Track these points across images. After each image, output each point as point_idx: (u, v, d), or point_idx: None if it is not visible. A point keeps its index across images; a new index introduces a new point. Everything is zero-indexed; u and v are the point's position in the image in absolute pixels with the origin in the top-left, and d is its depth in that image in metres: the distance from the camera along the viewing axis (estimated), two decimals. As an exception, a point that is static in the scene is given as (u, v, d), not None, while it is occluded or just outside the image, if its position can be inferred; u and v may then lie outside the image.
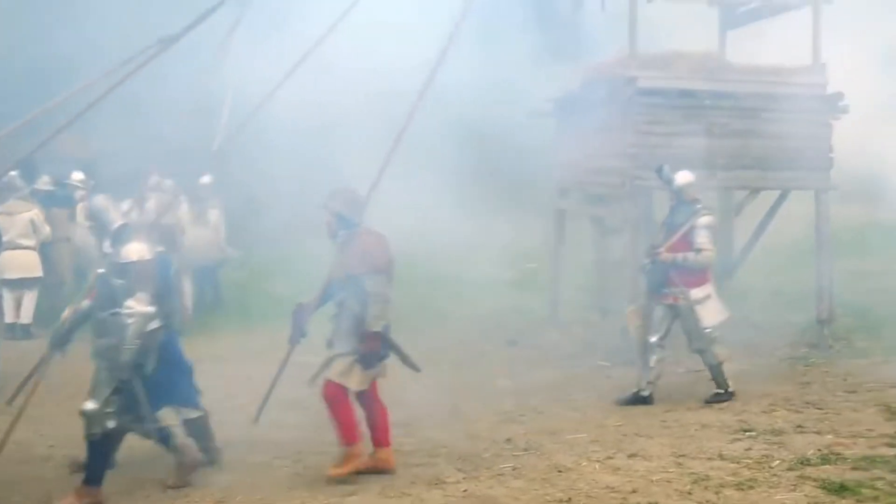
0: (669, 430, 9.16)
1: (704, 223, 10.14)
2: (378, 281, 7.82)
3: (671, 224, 10.36)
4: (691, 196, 10.33)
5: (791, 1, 13.15)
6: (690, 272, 10.12)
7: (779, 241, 16.11)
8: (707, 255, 10.11)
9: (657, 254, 10.15)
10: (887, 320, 14.35)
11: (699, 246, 10.08)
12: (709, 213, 10.26)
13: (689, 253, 10.07)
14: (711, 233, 10.18)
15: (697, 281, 10.17)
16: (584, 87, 13.38)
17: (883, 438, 8.60)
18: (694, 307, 10.11)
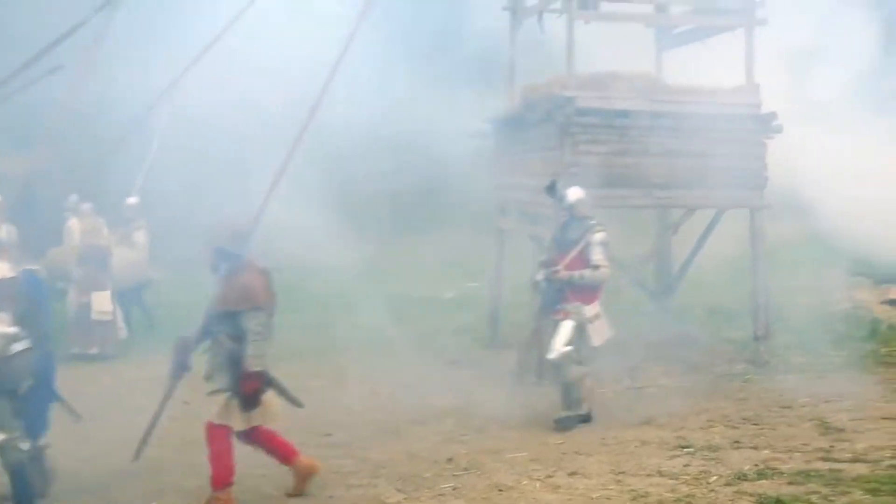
0: (609, 447, 9.22)
1: (599, 239, 10.10)
2: (258, 318, 7.56)
3: (563, 241, 10.31)
4: (584, 212, 10.31)
5: (725, 23, 13.34)
6: (585, 289, 10.06)
7: (716, 258, 16.34)
8: (604, 272, 10.06)
9: (555, 272, 10.07)
10: (822, 336, 14.61)
11: (596, 262, 10.03)
12: (603, 230, 10.20)
13: (586, 270, 10.01)
14: (606, 249, 10.14)
15: (590, 298, 10.12)
16: (522, 107, 13.47)
17: (818, 453, 8.73)
18: (586, 325, 10.02)
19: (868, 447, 8.85)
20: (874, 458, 8.46)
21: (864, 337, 14.60)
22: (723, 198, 12.92)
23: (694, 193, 12.66)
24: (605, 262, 10.08)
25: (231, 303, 7.59)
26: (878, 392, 11.25)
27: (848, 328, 15.14)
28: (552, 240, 10.57)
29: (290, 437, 9.66)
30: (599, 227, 10.19)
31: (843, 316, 15.93)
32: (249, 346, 7.50)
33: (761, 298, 13.04)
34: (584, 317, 10.03)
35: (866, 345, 14.18)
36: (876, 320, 15.55)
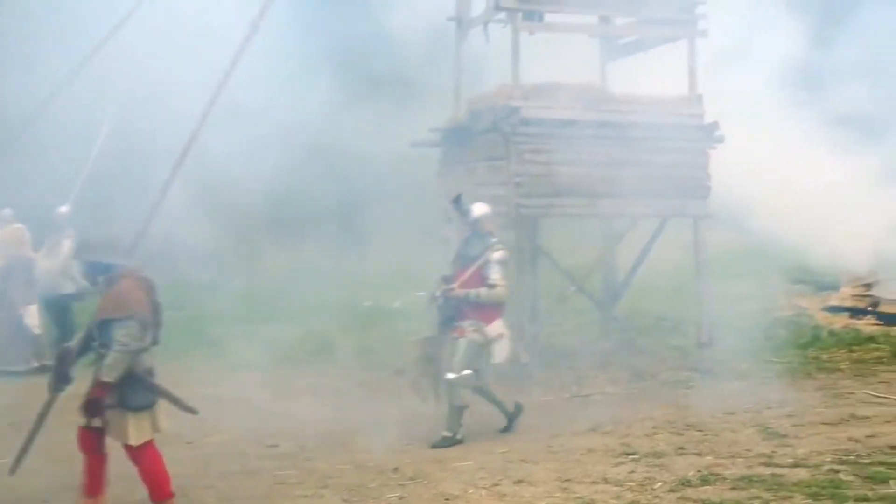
0: (555, 455, 9.26)
1: (498, 258, 9.89)
2: (126, 328, 7.21)
3: (465, 257, 10.10)
4: (487, 229, 10.11)
5: (668, 34, 13.50)
6: (485, 307, 9.87)
7: (661, 267, 16.50)
8: (500, 291, 9.85)
9: (449, 289, 9.89)
10: (765, 343, 14.82)
11: (492, 281, 9.83)
12: (502, 248, 10.01)
13: (482, 288, 9.82)
14: (505, 268, 9.96)
15: (491, 316, 9.93)
16: (468, 117, 13.52)
17: (760, 458, 8.83)
18: (488, 344, 9.88)
19: (809, 452, 8.96)
20: (814, 463, 8.57)
21: (805, 343, 14.85)
22: (666, 207, 13.06)
23: (638, 203, 12.77)
24: (503, 280, 9.88)
25: (105, 312, 7.37)
26: (819, 398, 11.43)
27: (790, 335, 15.40)
28: (456, 255, 10.35)
29: (234, 449, 9.67)
30: (499, 246, 9.99)
31: (785, 323, 16.20)
32: (108, 355, 7.19)
33: (705, 306, 13.19)
34: (487, 336, 9.86)
35: (807, 351, 14.43)
36: (817, 327, 15.82)
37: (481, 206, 10.19)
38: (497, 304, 9.93)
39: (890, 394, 11.42)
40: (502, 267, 9.92)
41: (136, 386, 7.34)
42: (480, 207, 10.17)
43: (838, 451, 8.94)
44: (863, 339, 14.95)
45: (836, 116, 16.87)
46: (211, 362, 13.58)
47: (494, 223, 10.33)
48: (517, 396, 10.98)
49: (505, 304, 10.08)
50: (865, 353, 14.15)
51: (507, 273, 10.04)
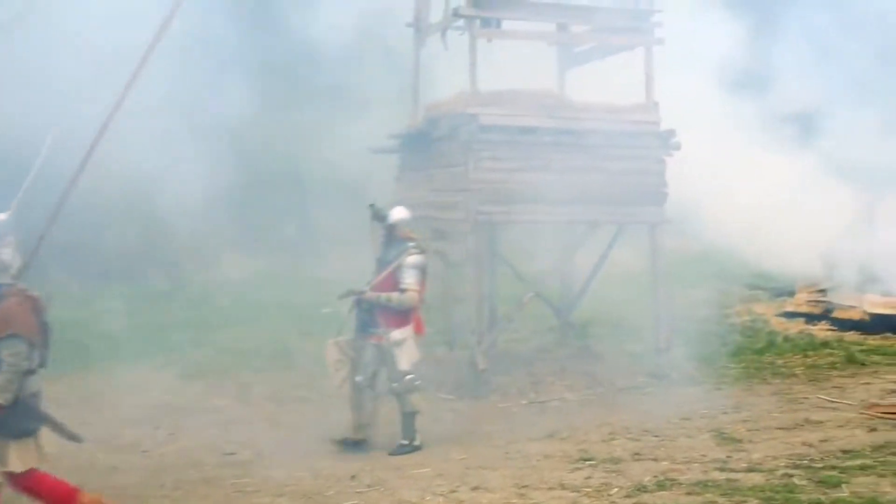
0: (512, 461, 9.27)
1: (412, 262, 9.78)
2: (13, 347, 6.91)
3: (383, 261, 10.00)
4: (405, 234, 9.99)
5: (625, 42, 13.59)
6: (395, 312, 9.76)
7: (619, 273, 16.59)
8: (411, 296, 9.72)
9: (361, 293, 9.81)
10: (721, 348, 14.98)
11: (405, 286, 9.72)
12: (418, 253, 9.88)
13: (394, 293, 9.71)
14: (420, 273, 9.82)
15: (400, 321, 9.79)
16: (427, 123, 13.54)
17: (715, 463, 8.90)
18: (393, 348, 9.75)
19: (763, 457, 9.05)
20: (769, 468, 8.65)
21: (761, 349, 15.01)
22: (624, 214, 13.14)
23: (595, 209, 12.84)
24: (415, 286, 9.75)
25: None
26: (774, 403, 11.54)
27: (746, 340, 15.56)
28: (377, 260, 10.17)
29: (191, 457, 9.60)
30: (415, 250, 9.87)
31: (741, 328, 16.36)
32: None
33: (662, 312, 13.27)
34: (392, 340, 9.74)
35: (763, 356, 14.58)
36: (772, 332, 15.99)
37: (399, 212, 10.08)
38: (408, 309, 9.80)
39: (843, 399, 11.55)
40: (417, 272, 9.80)
41: (18, 411, 6.97)
42: (398, 212, 10.07)
43: (792, 456, 9.02)
44: (817, 345, 15.13)
45: (787, 121, 17.11)
46: (167, 369, 13.47)
47: (413, 228, 10.20)
48: (474, 403, 11.03)
49: (416, 310, 9.91)
50: (820, 359, 14.31)
51: (422, 278, 9.88)
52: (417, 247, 9.94)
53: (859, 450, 9.12)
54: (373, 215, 10.12)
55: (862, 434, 9.73)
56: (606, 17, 13.51)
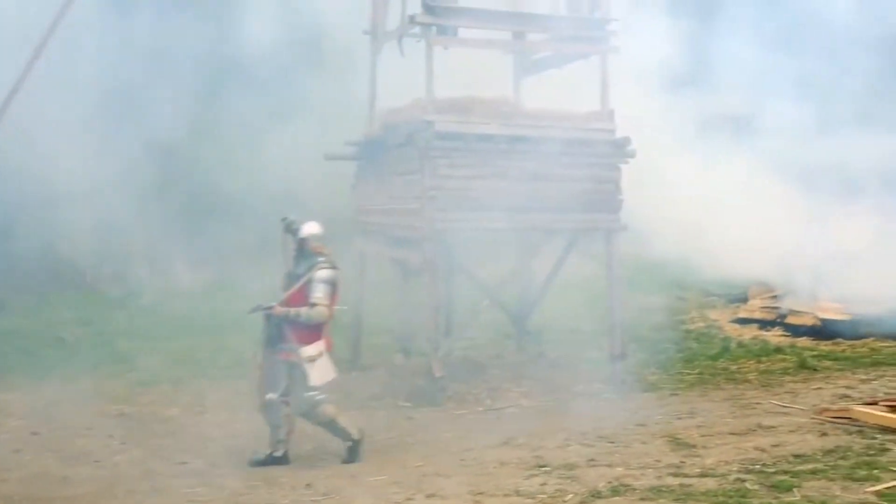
0: (468, 468, 9.27)
1: (322, 277, 9.59)
2: None
3: (294, 276, 9.80)
4: (316, 248, 9.78)
5: (580, 50, 13.67)
6: (305, 328, 9.57)
7: (575, 279, 16.66)
8: (320, 311, 9.53)
9: (269, 308, 9.60)
10: (676, 355, 15.09)
11: (314, 301, 9.51)
12: (329, 267, 9.69)
13: (303, 308, 9.51)
14: (330, 287, 9.63)
15: (311, 337, 9.60)
16: (383, 131, 13.53)
17: (669, 469, 8.95)
18: (304, 365, 9.53)
19: (716, 462, 9.11)
20: (722, 473, 8.72)
21: (715, 355, 15.14)
22: (579, 221, 13.20)
23: (551, 217, 12.90)
24: (325, 300, 9.56)
25: None
26: (727, 408, 11.62)
27: (700, 346, 15.68)
28: (287, 274, 9.96)
29: (143, 467, 9.50)
30: (326, 265, 9.68)
31: (695, 335, 16.49)
32: None
33: (617, 318, 13.34)
34: (302, 357, 9.53)
35: (717, 362, 14.71)
36: (726, 339, 16.15)
37: (311, 226, 9.86)
38: (318, 324, 9.61)
39: (795, 404, 11.66)
40: (327, 286, 9.60)
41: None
42: (310, 227, 9.85)
43: (745, 461, 9.09)
44: (770, 351, 15.31)
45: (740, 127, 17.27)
46: (120, 378, 13.35)
47: (324, 242, 9.91)
48: (430, 411, 11.02)
49: (326, 325, 9.72)
50: (773, 364, 14.48)
51: (332, 292, 9.67)
52: (328, 261, 9.73)
53: (810, 454, 9.21)
54: (285, 228, 9.89)
55: (813, 439, 9.83)
56: (562, 25, 13.58)
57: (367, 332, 14.57)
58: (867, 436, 9.78)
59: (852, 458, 9.04)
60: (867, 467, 8.69)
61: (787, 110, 17.75)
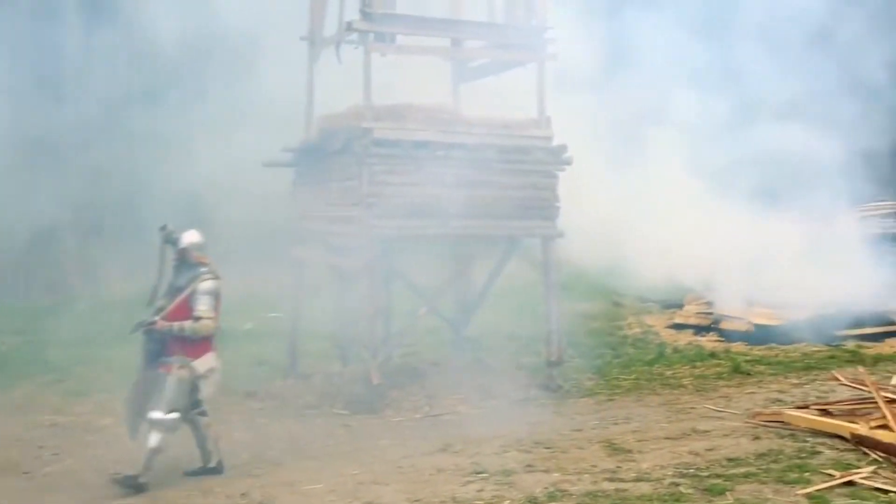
0: (405, 475, 9.25)
1: (206, 289, 9.26)
2: None
3: (175, 288, 9.43)
4: (197, 258, 9.44)
5: (518, 58, 13.74)
6: (192, 341, 9.25)
7: (513, 286, 16.72)
8: (205, 324, 9.22)
9: (151, 323, 9.25)
10: (613, 360, 15.21)
11: (198, 314, 9.20)
12: (212, 278, 9.35)
13: (187, 322, 9.18)
14: (214, 299, 9.30)
15: (200, 351, 9.31)
16: (321, 137, 13.48)
17: (605, 474, 9.02)
18: (199, 379, 9.28)
19: (652, 466, 9.20)
20: (657, 477, 8.80)
21: (651, 360, 15.29)
22: (516, 227, 13.27)
23: (489, 223, 12.94)
24: (210, 313, 9.25)
25: None
26: (663, 413, 11.75)
27: (637, 352, 15.83)
28: (169, 286, 9.54)
29: (76, 478, 9.36)
30: (209, 276, 9.34)
31: (632, 340, 16.64)
32: None
33: (554, 324, 13.41)
34: (196, 372, 9.25)
35: (653, 368, 14.85)
36: (662, 344, 16.32)
37: (191, 235, 9.49)
38: (204, 337, 9.30)
39: (729, 408, 11.82)
40: (211, 298, 9.27)
41: None
42: (190, 236, 9.48)
43: (679, 465, 9.19)
44: (705, 356, 15.50)
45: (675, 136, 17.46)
46: (53, 388, 13.13)
47: (205, 252, 9.59)
48: (368, 418, 10.98)
49: (213, 337, 9.42)
50: (707, 369, 14.65)
51: (216, 304, 9.35)
52: (210, 272, 9.39)
53: (743, 458, 9.34)
54: (163, 239, 9.49)
55: (746, 442, 9.96)
56: (500, 33, 13.66)
57: (304, 339, 14.47)
58: (799, 439, 9.94)
59: (784, 461, 9.19)
60: (798, 470, 8.84)
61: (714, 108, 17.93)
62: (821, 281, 16.27)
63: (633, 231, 16.42)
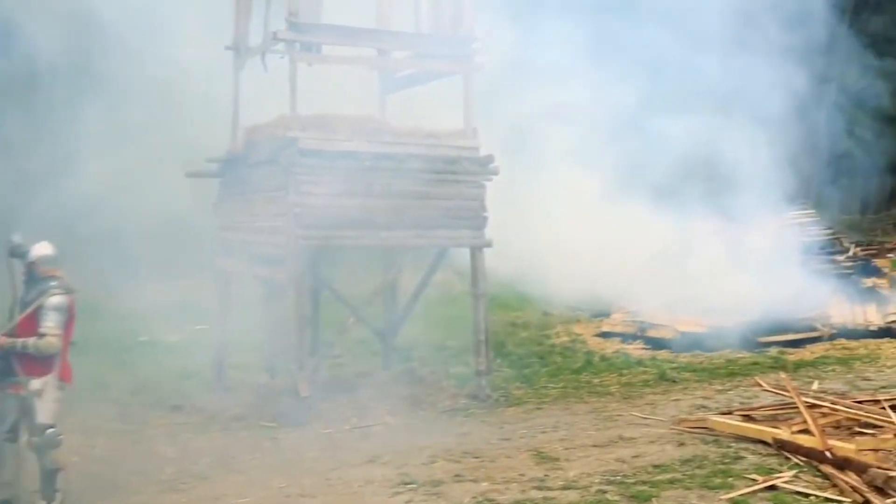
0: (333, 488, 9.20)
1: (53, 304, 8.69)
2: None
3: (24, 303, 8.84)
4: (47, 272, 8.87)
5: (444, 68, 13.77)
6: (34, 359, 8.68)
7: (442, 295, 16.75)
8: (49, 342, 8.62)
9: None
10: (541, 369, 15.30)
11: (43, 330, 8.63)
12: (62, 293, 8.79)
13: (31, 339, 8.61)
14: (62, 315, 8.73)
15: (41, 370, 8.72)
16: (247, 147, 13.37)
17: (533, 482, 9.06)
18: (33, 399, 8.66)
19: (579, 474, 9.27)
20: (584, 485, 8.87)
21: (578, 368, 15.41)
22: (444, 237, 13.28)
23: (416, 233, 12.94)
24: (56, 330, 8.66)
25: None
26: (590, 421, 11.84)
27: (564, 360, 15.94)
28: (20, 301, 8.93)
29: (-5, 495, 9.10)
30: (58, 291, 8.76)
31: (560, 349, 16.76)
32: None
33: (482, 334, 13.43)
34: (31, 390, 8.65)
35: (581, 376, 14.97)
36: (590, 352, 16.46)
37: (41, 247, 8.95)
38: (48, 355, 8.73)
39: (655, 415, 11.95)
40: (59, 314, 8.72)
41: None
42: (40, 248, 8.93)
43: (606, 472, 9.27)
44: (632, 363, 15.68)
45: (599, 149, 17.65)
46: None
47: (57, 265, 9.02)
48: (296, 431, 10.89)
49: (57, 356, 8.81)
50: (634, 377, 14.82)
51: (63, 321, 8.76)
52: (61, 287, 8.83)
53: (669, 464, 9.46)
54: (10, 252, 8.95)
55: (672, 449, 10.08)
56: (426, 43, 13.68)
57: (231, 352, 14.32)
58: (723, 445, 10.09)
59: (708, 466, 9.32)
60: (722, 475, 8.98)
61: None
62: (744, 288, 16.56)
63: (551, 239, 16.56)
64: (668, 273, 17.43)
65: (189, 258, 16.03)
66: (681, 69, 18.70)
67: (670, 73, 18.78)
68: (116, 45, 15.86)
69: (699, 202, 18.68)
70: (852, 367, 15.27)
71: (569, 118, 17.70)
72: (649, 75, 18.59)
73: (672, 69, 18.78)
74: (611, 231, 17.24)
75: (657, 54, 18.66)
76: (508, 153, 13.99)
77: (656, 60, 18.67)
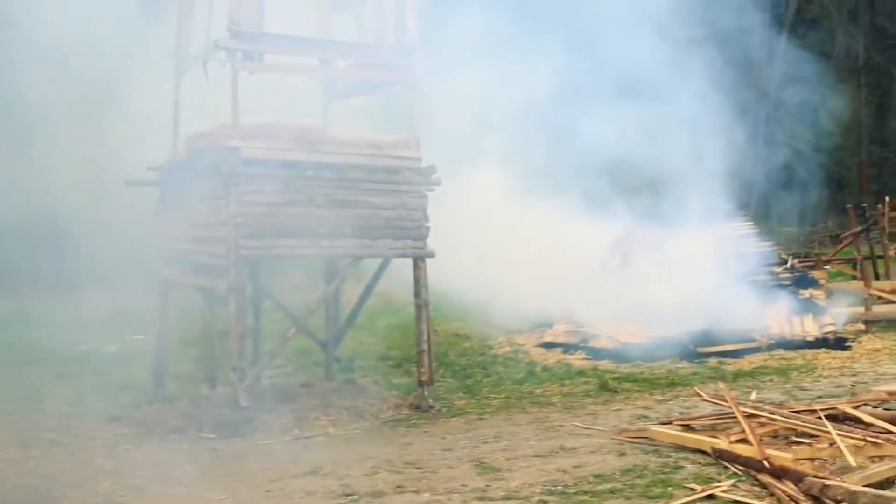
0: (274, 499, 9.12)
1: None
2: None
3: None
4: None
5: (386, 78, 13.76)
6: None
7: (384, 306, 16.71)
8: None
9: None
10: (483, 379, 15.32)
11: None
12: None
13: None
14: None
15: None
16: (188, 156, 13.24)
17: (475, 493, 9.05)
18: None
19: (521, 484, 9.27)
20: (525, 495, 8.88)
21: (521, 379, 15.45)
22: (387, 247, 13.24)
23: (359, 243, 12.89)
24: None
25: None
26: (532, 431, 11.86)
27: (507, 371, 15.98)
28: None
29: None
30: None
31: (503, 359, 16.79)
32: None
33: (424, 345, 13.42)
34: None
35: (523, 386, 15.01)
36: (532, 363, 16.52)
37: None
38: None
39: (596, 425, 12.01)
40: None
41: None
42: None
43: (548, 483, 9.29)
44: (574, 374, 15.77)
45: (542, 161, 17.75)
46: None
47: None
48: (236, 442, 10.78)
49: None
50: (576, 387, 14.90)
51: None
52: None
53: (609, 474, 9.50)
54: None
55: (613, 459, 10.14)
56: (368, 53, 13.65)
57: (170, 362, 14.14)
58: (663, 454, 10.16)
59: (649, 476, 9.38)
60: (662, 485, 9.04)
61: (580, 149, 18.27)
62: (683, 298, 16.73)
63: (505, 251, 16.62)
64: (609, 283, 17.57)
65: (128, 267, 15.80)
66: (616, 81, 18.89)
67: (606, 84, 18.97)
68: (52, 51, 15.64)
69: (639, 212, 18.86)
70: (790, 378, 15.50)
71: (503, 126, 17.80)
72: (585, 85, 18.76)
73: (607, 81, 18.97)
74: (551, 240, 17.35)
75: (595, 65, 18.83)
76: (448, 162, 13.99)
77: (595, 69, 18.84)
